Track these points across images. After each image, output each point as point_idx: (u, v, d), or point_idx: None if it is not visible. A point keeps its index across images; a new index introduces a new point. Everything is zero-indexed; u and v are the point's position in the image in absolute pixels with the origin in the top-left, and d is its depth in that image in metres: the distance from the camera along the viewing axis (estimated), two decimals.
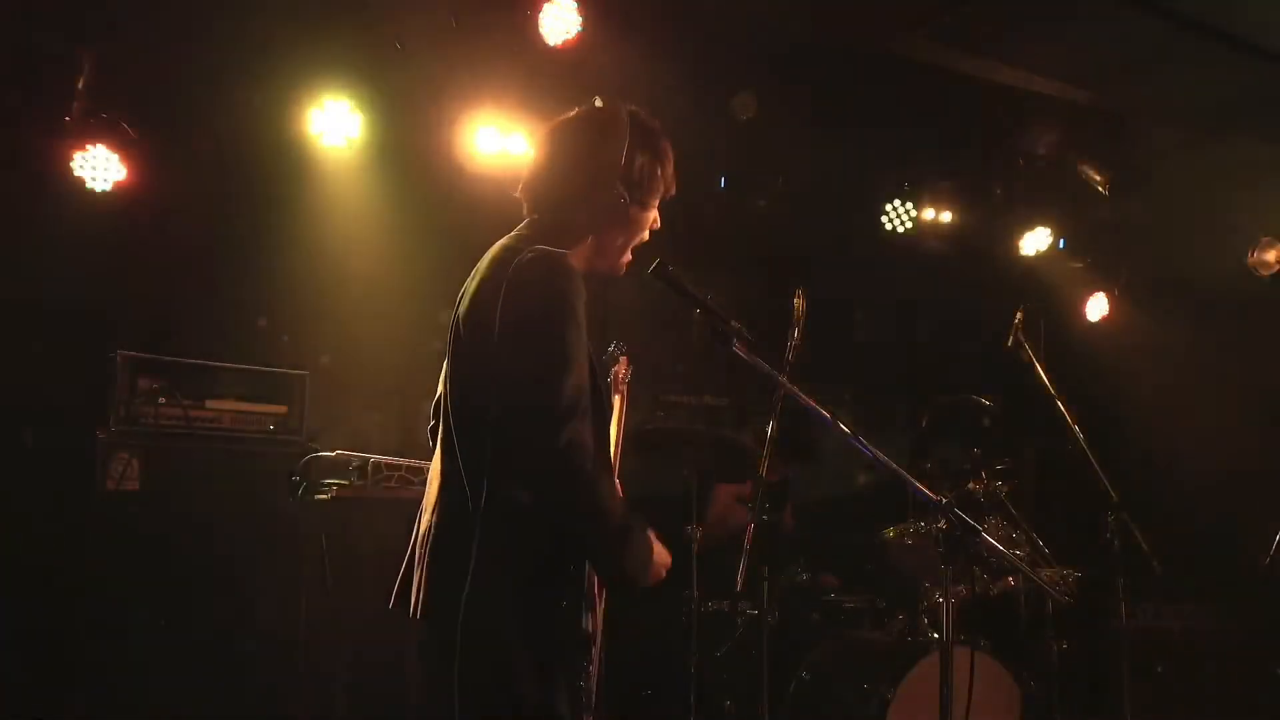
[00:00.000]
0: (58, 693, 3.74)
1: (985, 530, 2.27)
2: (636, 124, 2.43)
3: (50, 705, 3.74)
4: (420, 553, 2.29)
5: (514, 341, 2.18)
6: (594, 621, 2.34)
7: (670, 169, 2.49)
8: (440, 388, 2.41)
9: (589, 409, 2.18)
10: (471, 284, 2.35)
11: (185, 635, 3.82)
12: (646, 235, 2.51)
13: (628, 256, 2.51)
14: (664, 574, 2.29)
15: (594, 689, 2.30)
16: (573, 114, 2.49)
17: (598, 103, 2.50)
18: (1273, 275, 5.38)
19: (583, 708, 2.25)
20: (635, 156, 2.40)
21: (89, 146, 4.37)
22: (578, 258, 2.33)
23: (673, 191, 2.51)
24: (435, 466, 2.36)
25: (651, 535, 2.25)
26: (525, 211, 2.46)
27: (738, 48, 5.01)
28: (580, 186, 2.38)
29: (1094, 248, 6.34)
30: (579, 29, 4.41)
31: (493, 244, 2.42)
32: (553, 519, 2.15)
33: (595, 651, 2.32)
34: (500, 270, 2.28)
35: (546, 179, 2.44)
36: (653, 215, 2.49)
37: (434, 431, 2.45)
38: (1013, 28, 4.83)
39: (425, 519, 2.32)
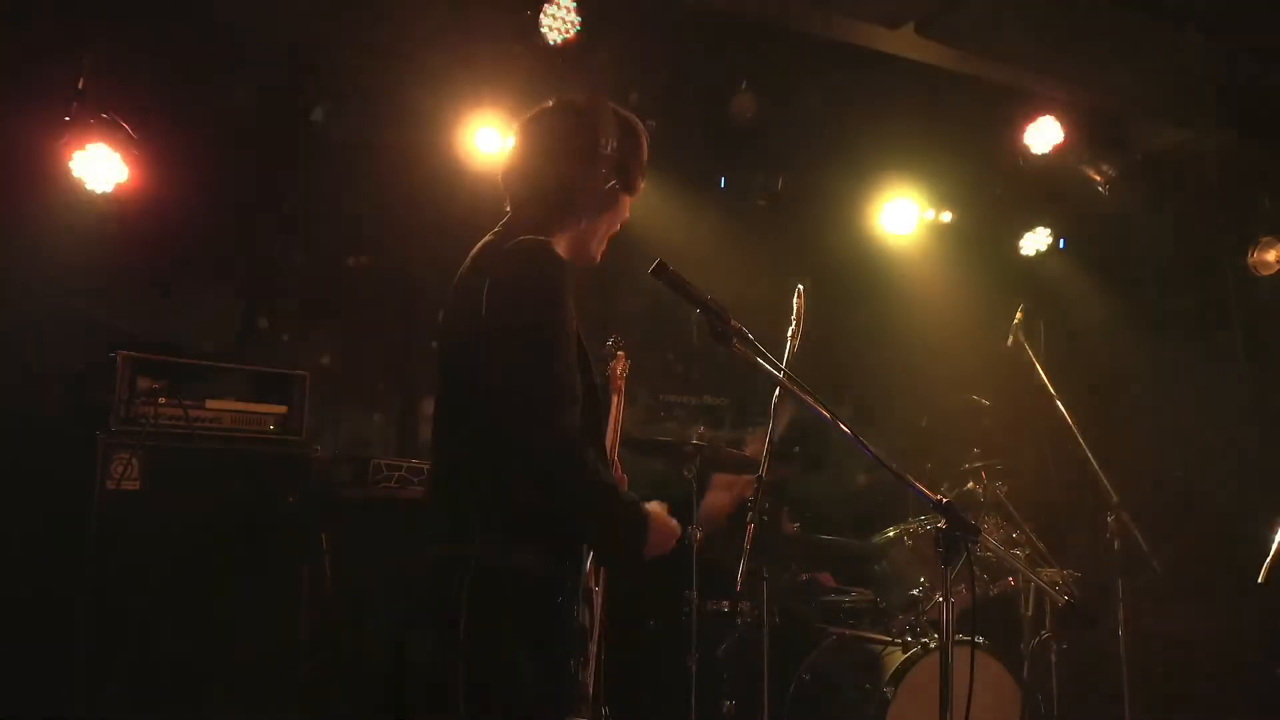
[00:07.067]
0: (57, 692, 3.74)
1: (985, 530, 2.27)
2: (622, 117, 2.46)
3: (49, 704, 3.73)
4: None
5: (501, 331, 2.18)
6: (590, 615, 2.35)
7: (645, 156, 2.51)
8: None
9: (579, 395, 2.20)
10: (457, 281, 2.37)
11: (185, 635, 3.82)
12: (617, 227, 2.53)
13: (604, 246, 2.52)
14: (672, 542, 2.31)
15: (590, 681, 2.32)
16: (546, 105, 2.50)
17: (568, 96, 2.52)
18: (1273, 275, 5.38)
19: (580, 699, 2.27)
20: (618, 141, 2.42)
21: (89, 146, 4.37)
22: (561, 246, 2.35)
23: (643, 179, 2.52)
24: (430, 464, 2.38)
25: (649, 510, 2.27)
26: (506, 205, 2.47)
27: (738, 47, 5.01)
28: (566, 173, 2.39)
29: (1094, 248, 6.34)
30: (579, 29, 4.42)
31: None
32: (555, 507, 2.16)
33: (592, 645, 2.33)
34: (484, 263, 2.30)
35: (527, 169, 2.45)
36: (627, 204, 2.51)
37: None
38: (1012, 27, 4.84)
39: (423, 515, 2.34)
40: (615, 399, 3.36)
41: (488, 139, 4.81)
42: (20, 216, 4.36)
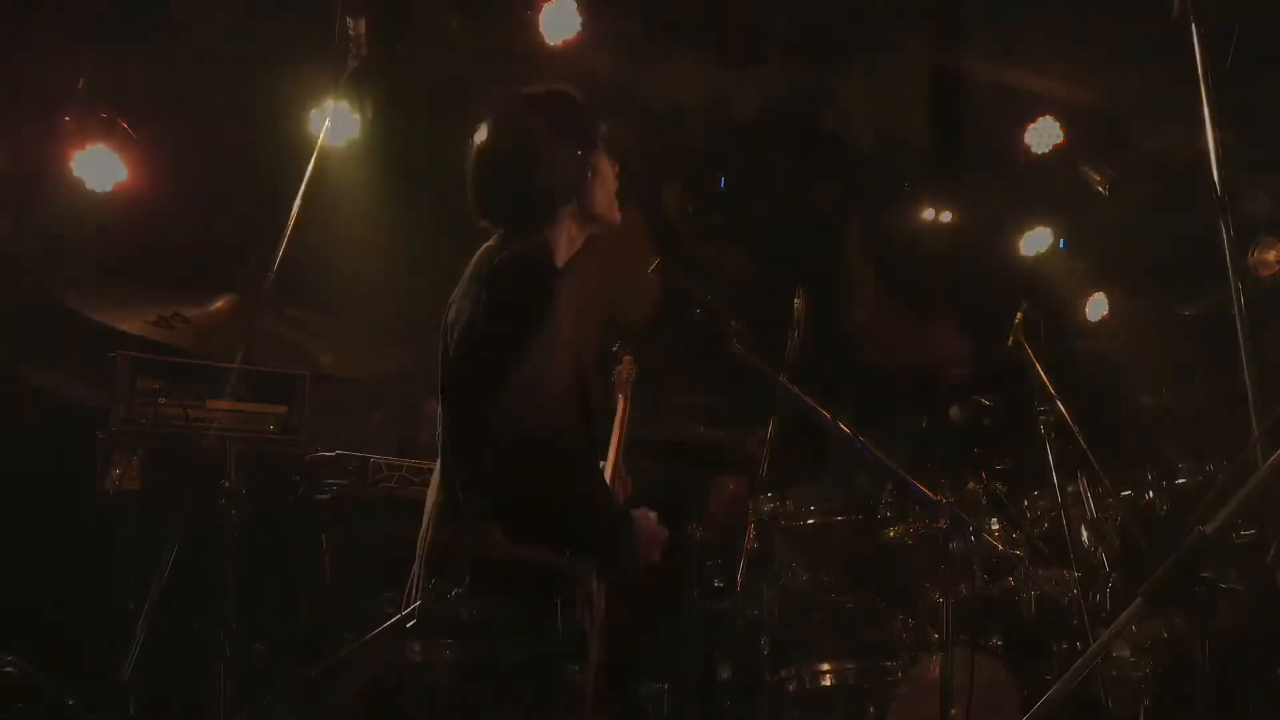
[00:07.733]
0: (56, 692, 3.73)
1: (985, 530, 2.28)
2: (542, 95, 2.54)
3: (48, 705, 3.73)
4: (419, 551, 2.35)
5: (491, 341, 2.23)
6: (590, 616, 2.35)
7: (590, 108, 2.54)
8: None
9: (560, 402, 2.22)
10: (457, 292, 2.42)
11: (184, 635, 3.82)
12: (614, 180, 2.54)
13: (615, 202, 2.54)
14: (658, 547, 2.32)
15: (589, 684, 2.32)
16: (485, 121, 2.57)
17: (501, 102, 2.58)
18: (1273, 275, 5.37)
19: (579, 700, 2.27)
20: (561, 113, 2.49)
21: (89, 146, 4.37)
22: (563, 234, 2.38)
23: (604, 125, 2.54)
24: (436, 466, 2.42)
25: (638, 517, 2.28)
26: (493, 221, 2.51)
27: (739, 47, 5.01)
28: (533, 168, 2.42)
29: (1094, 248, 6.34)
30: (579, 29, 4.42)
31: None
32: (548, 510, 2.18)
33: (592, 650, 2.33)
34: (478, 275, 2.37)
35: (498, 180, 2.50)
36: (608, 158, 2.53)
37: None
38: (1012, 26, 4.84)
39: (424, 520, 2.37)
40: (621, 402, 3.37)
41: None
42: (20, 216, 4.36)
